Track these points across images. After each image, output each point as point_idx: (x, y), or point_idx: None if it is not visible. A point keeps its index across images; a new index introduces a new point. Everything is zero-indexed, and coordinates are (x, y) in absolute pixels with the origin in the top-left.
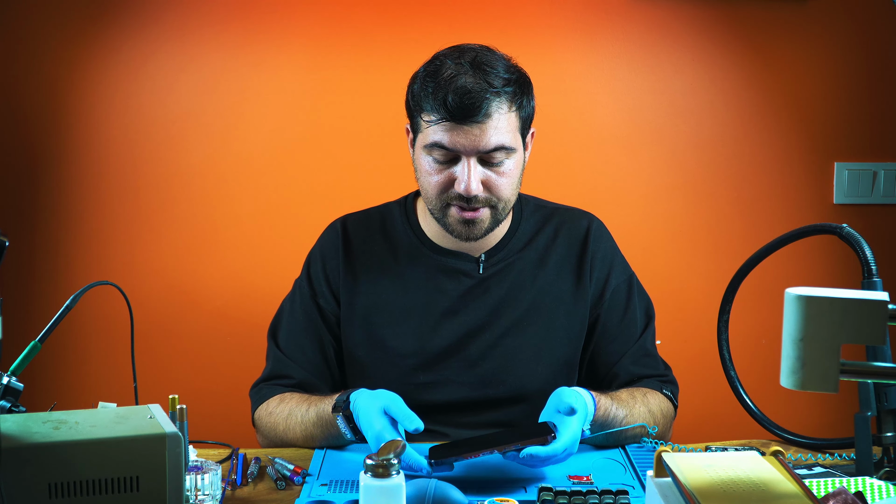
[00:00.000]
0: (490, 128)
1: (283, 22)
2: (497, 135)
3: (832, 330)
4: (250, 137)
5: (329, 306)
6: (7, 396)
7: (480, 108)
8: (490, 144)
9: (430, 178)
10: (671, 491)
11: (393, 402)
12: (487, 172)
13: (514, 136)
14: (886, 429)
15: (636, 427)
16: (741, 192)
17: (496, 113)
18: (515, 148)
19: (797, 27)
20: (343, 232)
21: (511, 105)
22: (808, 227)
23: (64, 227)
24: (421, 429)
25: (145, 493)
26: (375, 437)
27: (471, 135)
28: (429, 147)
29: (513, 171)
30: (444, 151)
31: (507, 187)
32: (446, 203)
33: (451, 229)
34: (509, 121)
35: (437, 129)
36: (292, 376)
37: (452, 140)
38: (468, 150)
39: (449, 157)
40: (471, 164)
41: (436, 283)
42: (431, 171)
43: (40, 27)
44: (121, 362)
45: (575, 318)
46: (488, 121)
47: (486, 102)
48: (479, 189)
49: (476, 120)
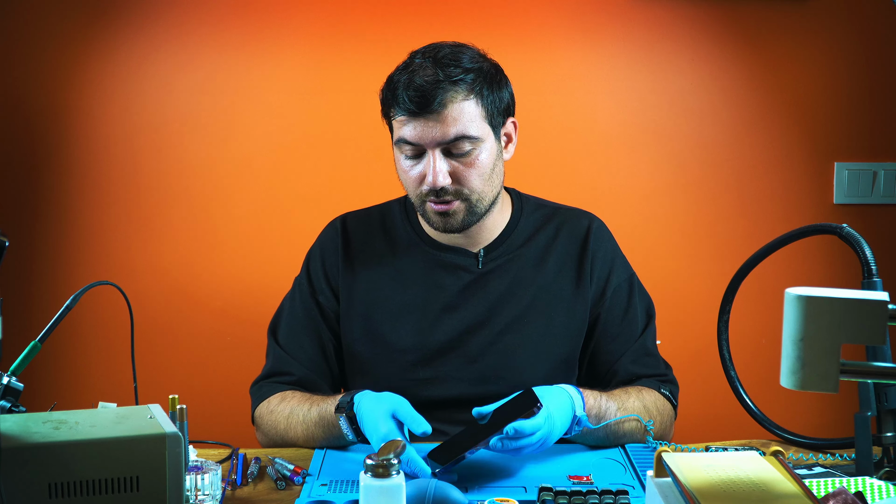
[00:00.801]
0: (448, 118)
1: (282, 22)
2: (456, 125)
3: (832, 330)
4: (250, 137)
5: (329, 303)
6: (7, 396)
7: (434, 99)
8: (449, 135)
9: (405, 175)
10: (671, 491)
11: (401, 405)
12: (454, 164)
13: (479, 126)
14: (886, 429)
15: (632, 420)
16: (741, 191)
17: (452, 103)
18: (480, 137)
19: (797, 27)
20: (342, 229)
21: (470, 94)
22: (808, 227)
23: (64, 227)
24: (429, 432)
25: (145, 493)
26: (381, 439)
27: (428, 127)
28: (397, 144)
29: (483, 161)
30: (410, 146)
31: (476, 178)
32: (422, 199)
33: (431, 222)
34: (469, 110)
35: (400, 126)
36: (292, 373)
37: (414, 134)
38: (429, 143)
39: (416, 151)
40: (435, 157)
41: (435, 279)
42: (405, 167)
43: (40, 27)
44: (121, 362)
45: (575, 317)
46: (444, 111)
47: (441, 92)
48: (445, 181)
49: (432, 110)
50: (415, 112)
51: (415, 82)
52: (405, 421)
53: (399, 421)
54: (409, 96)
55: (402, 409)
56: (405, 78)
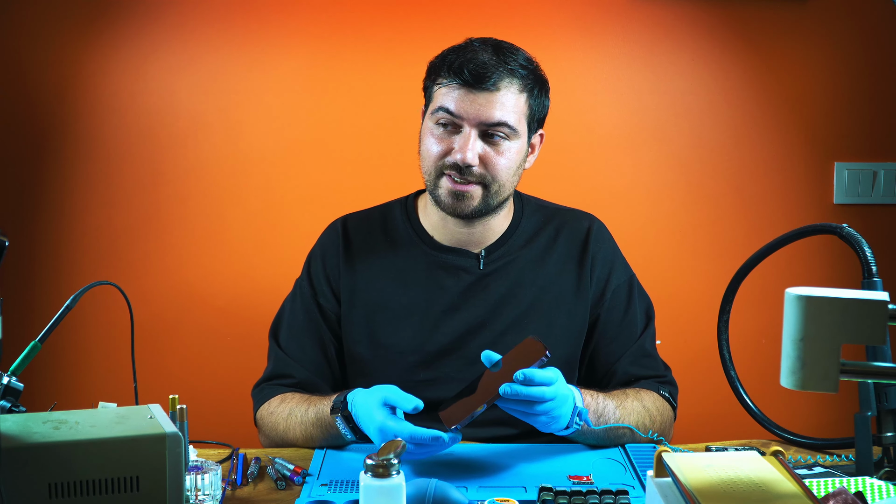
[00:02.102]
0: (497, 100)
1: (284, 22)
2: (502, 110)
3: (832, 330)
4: (251, 137)
5: (330, 305)
6: (7, 396)
7: (491, 77)
8: (494, 117)
9: (431, 144)
10: (671, 491)
11: (389, 390)
12: (486, 148)
13: (520, 120)
14: (886, 429)
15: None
16: (741, 192)
17: (505, 88)
18: (518, 131)
19: (797, 27)
20: (343, 231)
21: (522, 89)
22: (808, 227)
23: (64, 227)
24: (420, 407)
25: (145, 493)
26: (378, 429)
27: (477, 103)
28: (436, 112)
29: (512, 154)
30: (449, 117)
31: (503, 168)
32: (441, 171)
33: (441, 201)
34: (517, 102)
35: (446, 94)
36: (293, 376)
37: (459, 106)
38: (471, 119)
39: (453, 124)
40: (472, 135)
41: (436, 280)
42: (434, 136)
43: (41, 28)
44: (121, 362)
45: (575, 318)
46: (497, 93)
47: (498, 74)
48: (475, 160)
49: (485, 87)
50: (470, 83)
51: (477, 57)
52: (396, 404)
53: (392, 406)
54: (469, 67)
55: (391, 394)
56: (464, 52)
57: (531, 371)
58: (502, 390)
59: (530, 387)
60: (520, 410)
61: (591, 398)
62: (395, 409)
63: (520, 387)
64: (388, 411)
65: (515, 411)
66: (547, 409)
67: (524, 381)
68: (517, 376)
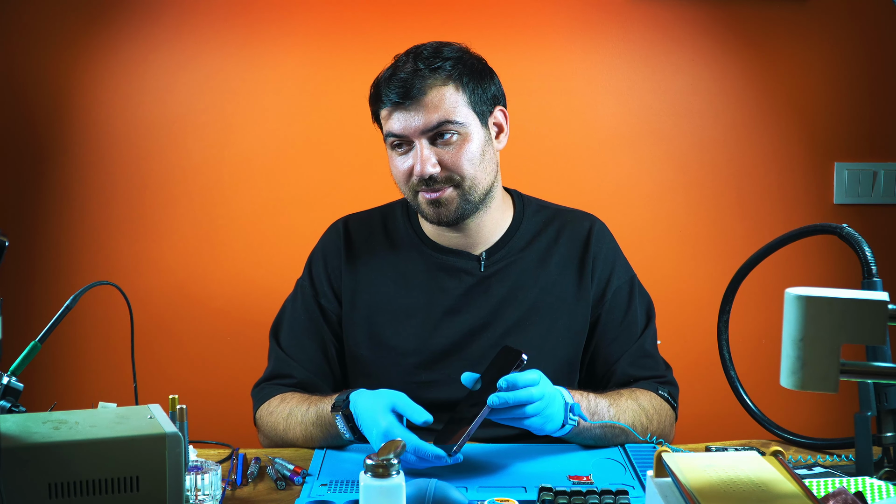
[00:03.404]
0: (429, 105)
1: (283, 22)
2: (438, 111)
3: (832, 330)
4: (251, 137)
5: (331, 306)
6: (7, 396)
7: (413, 87)
8: (432, 121)
9: (396, 169)
10: (671, 491)
11: (399, 398)
12: (441, 151)
13: (463, 112)
14: (886, 429)
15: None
16: (741, 191)
17: (431, 90)
18: (465, 122)
19: (797, 27)
20: (345, 231)
21: (448, 80)
22: (808, 227)
23: (64, 227)
24: (430, 421)
25: (145, 493)
26: (382, 433)
27: (411, 116)
28: (387, 140)
29: (470, 146)
30: (397, 139)
31: (465, 162)
32: (414, 191)
33: (425, 214)
34: (450, 96)
35: (387, 119)
36: (294, 376)
37: (399, 125)
38: (413, 132)
39: (404, 144)
40: (421, 145)
41: (437, 282)
42: (395, 161)
43: (40, 28)
44: (121, 362)
45: (576, 319)
46: (424, 97)
47: (419, 80)
48: (434, 169)
49: (412, 97)
50: (397, 102)
51: (396, 75)
52: (405, 413)
53: (398, 414)
54: (391, 88)
55: (401, 402)
56: (388, 73)
57: (513, 376)
58: (490, 401)
59: (516, 390)
60: (511, 418)
61: (582, 396)
62: (402, 417)
63: (506, 393)
64: (394, 418)
65: (507, 419)
66: (537, 410)
67: (508, 387)
68: (500, 384)
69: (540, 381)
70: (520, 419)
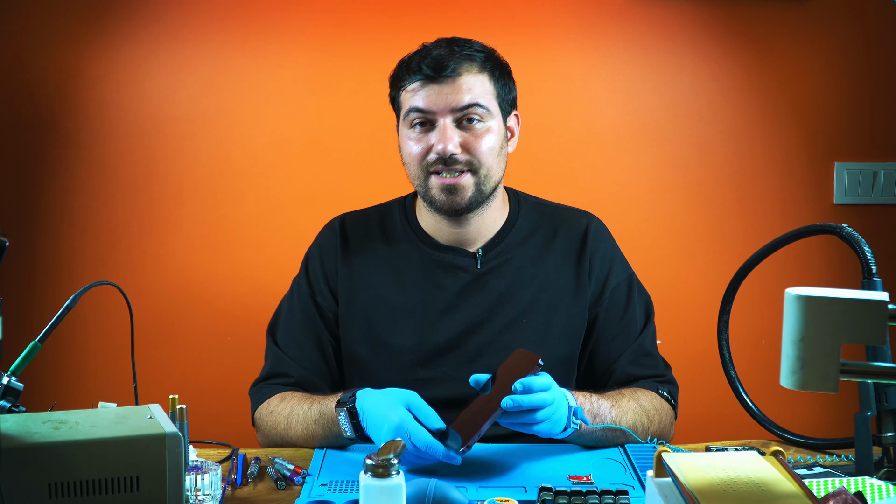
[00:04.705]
0: (462, 86)
1: (284, 22)
2: (470, 93)
3: (832, 330)
4: (251, 137)
5: (327, 304)
6: (7, 396)
7: (450, 65)
8: (463, 101)
9: (411, 147)
10: (671, 491)
11: (413, 396)
12: (465, 134)
13: (490, 101)
14: (886, 429)
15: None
16: (741, 191)
17: (466, 73)
18: (491, 111)
19: (797, 27)
20: (341, 229)
21: (482, 69)
22: (808, 227)
23: (64, 226)
24: (443, 428)
25: (145, 493)
26: (395, 427)
27: (443, 93)
28: (408, 116)
29: (491, 135)
30: (421, 115)
31: (486, 150)
32: (427, 171)
33: (434, 199)
34: (482, 83)
35: (413, 94)
36: (291, 375)
37: (427, 101)
38: (443, 110)
39: (427, 122)
40: (447, 124)
41: (434, 279)
42: (411, 139)
43: (41, 27)
44: (121, 362)
45: (574, 317)
46: (459, 78)
47: (456, 61)
48: (456, 148)
49: (447, 75)
50: (431, 76)
51: (433, 52)
52: (419, 414)
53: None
54: (427, 62)
55: (416, 402)
56: (419, 52)
57: (529, 379)
58: (504, 404)
59: (531, 394)
60: (521, 423)
61: (585, 398)
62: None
63: (521, 397)
64: (408, 413)
65: (516, 424)
66: (547, 416)
67: (524, 390)
68: (516, 387)
69: (551, 387)
70: (529, 424)
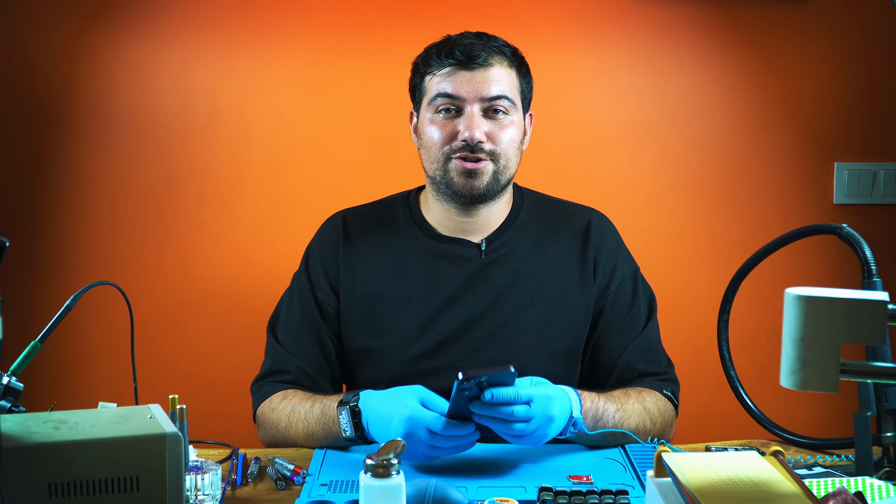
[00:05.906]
0: (492, 76)
1: (285, 21)
2: (499, 84)
3: (832, 330)
4: (251, 136)
5: (327, 300)
6: (7, 396)
7: (482, 54)
8: (493, 91)
9: (434, 132)
10: (671, 491)
11: (424, 391)
12: (490, 124)
13: (515, 95)
14: (886, 429)
15: (631, 420)
16: (741, 191)
17: (497, 65)
18: (516, 105)
19: (797, 27)
20: (343, 225)
21: (510, 64)
22: (808, 227)
23: (64, 226)
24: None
25: (145, 493)
26: (406, 419)
27: (474, 81)
28: (434, 100)
29: (514, 129)
30: (449, 100)
31: (509, 142)
32: (448, 157)
33: (453, 183)
34: (510, 76)
35: (442, 80)
36: (291, 371)
37: (457, 87)
38: (472, 97)
39: (454, 108)
40: (474, 111)
41: (437, 270)
42: (435, 124)
43: (45, 25)
44: (121, 362)
45: (578, 309)
46: (490, 69)
47: (487, 52)
48: (483, 136)
49: (479, 63)
50: (463, 62)
51: (463, 41)
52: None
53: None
54: (459, 49)
55: (427, 395)
56: (452, 40)
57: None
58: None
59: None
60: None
61: (592, 402)
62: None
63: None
64: (419, 404)
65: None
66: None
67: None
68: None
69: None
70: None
